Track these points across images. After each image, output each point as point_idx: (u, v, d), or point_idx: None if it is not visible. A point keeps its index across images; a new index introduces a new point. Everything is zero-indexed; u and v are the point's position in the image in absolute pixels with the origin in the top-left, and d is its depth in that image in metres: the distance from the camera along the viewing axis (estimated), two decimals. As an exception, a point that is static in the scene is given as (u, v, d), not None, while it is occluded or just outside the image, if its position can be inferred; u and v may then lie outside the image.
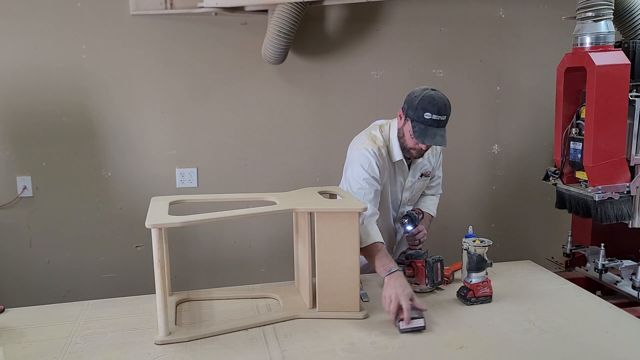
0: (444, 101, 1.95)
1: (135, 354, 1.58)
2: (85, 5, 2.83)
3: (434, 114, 1.91)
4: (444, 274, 2.03)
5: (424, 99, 1.94)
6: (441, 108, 1.92)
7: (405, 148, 2.08)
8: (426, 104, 1.93)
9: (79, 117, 2.93)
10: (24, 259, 2.98)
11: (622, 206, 2.07)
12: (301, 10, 2.75)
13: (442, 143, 1.95)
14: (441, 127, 1.95)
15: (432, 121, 1.92)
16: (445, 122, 1.96)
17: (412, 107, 1.97)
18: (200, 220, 1.73)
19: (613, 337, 1.65)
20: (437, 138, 1.94)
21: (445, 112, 1.94)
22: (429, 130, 1.94)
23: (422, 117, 1.93)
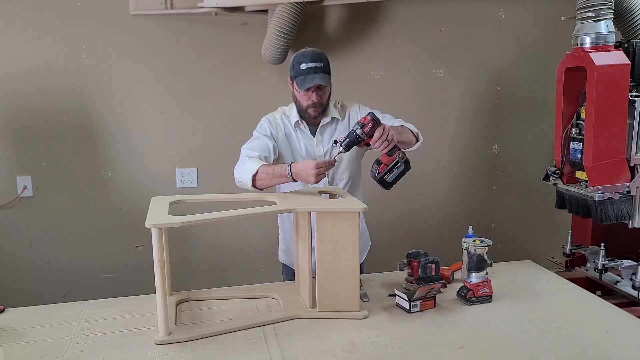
0: (316, 51, 2.09)
1: (135, 354, 1.58)
2: (85, 5, 2.84)
3: (308, 63, 2.03)
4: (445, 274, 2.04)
5: (297, 56, 2.09)
6: (313, 56, 2.05)
7: (303, 111, 2.14)
8: (300, 58, 2.07)
9: (79, 117, 2.93)
10: (24, 259, 2.98)
11: (622, 206, 2.07)
12: (301, 10, 2.75)
13: (322, 82, 2.03)
14: (319, 72, 2.04)
15: (309, 69, 2.03)
16: (322, 68, 2.05)
17: (291, 68, 2.10)
18: (200, 220, 1.73)
19: (613, 337, 1.65)
20: (316, 79, 2.03)
21: (318, 58, 2.05)
22: (307, 78, 2.04)
23: (299, 70, 2.05)
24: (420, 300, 1.82)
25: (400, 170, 1.93)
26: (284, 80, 3.08)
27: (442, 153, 3.37)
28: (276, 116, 2.22)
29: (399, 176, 1.94)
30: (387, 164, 1.91)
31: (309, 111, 2.12)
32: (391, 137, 1.89)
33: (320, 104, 2.10)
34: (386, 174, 1.92)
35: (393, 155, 1.92)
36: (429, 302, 1.85)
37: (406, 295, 1.82)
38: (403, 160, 1.94)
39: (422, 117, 3.31)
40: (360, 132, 1.88)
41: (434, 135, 3.34)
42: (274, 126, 2.18)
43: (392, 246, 3.31)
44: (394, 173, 1.92)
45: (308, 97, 2.08)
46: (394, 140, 1.91)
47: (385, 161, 1.92)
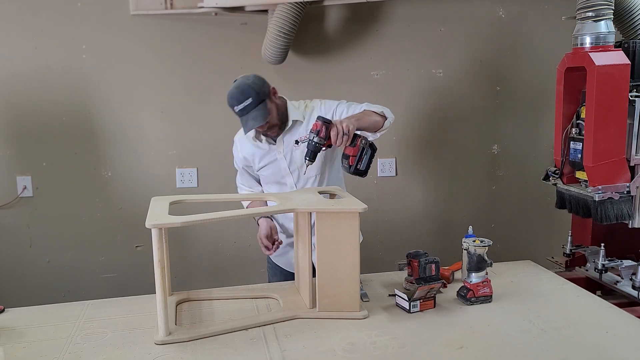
0: (240, 87, 1.99)
1: (135, 354, 1.58)
2: (85, 5, 2.84)
3: (236, 106, 1.98)
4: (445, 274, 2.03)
5: (228, 98, 2.01)
6: (238, 96, 1.97)
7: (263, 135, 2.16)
8: (229, 100, 2.00)
9: (79, 117, 2.93)
10: (24, 259, 2.98)
11: (622, 206, 2.07)
12: (301, 10, 2.75)
13: (254, 125, 1.99)
14: (250, 111, 1.98)
15: (240, 111, 1.98)
16: (252, 104, 1.97)
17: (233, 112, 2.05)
18: (200, 220, 1.73)
19: (613, 337, 1.65)
20: (249, 123, 1.99)
21: (243, 97, 1.97)
22: (242, 120, 2.01)
23: (236, 113, 2.00)
24: (420, 300, 1.82)
25: (368, 155, 1.95)
26: (284, 80, 3.10)
27: (442, 153, 3.37)
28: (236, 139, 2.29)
29: (370, 160, 1.96)
30: (354, 154, 1.93)
31: (268, 135, 2.14)
32: (347, 130, 1.88)
33: (271, 128, 2.09)
34: (357, 164, 1.94)
35: (356, 144, 1.92)
36: (429, 302, 1.85)
37: (406, 295, 1.82)
38: (367, 145, 1.95)
39: (422, 117, 3.31)
40: (318, 139, 1.90)
41: (434, 135, 3.34)
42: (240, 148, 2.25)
43: (392, 246, 3.31)
44: (364, 160, 1.94)
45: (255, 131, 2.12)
46: (352, 130, 1.90)
47: (352, 153, 1.93)
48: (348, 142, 1.90)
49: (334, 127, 1.88)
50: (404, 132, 3.29)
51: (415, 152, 3.34)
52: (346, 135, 1.88)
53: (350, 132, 1.89)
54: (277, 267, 2.41)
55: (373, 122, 2.06)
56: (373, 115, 2.08)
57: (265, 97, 2.02)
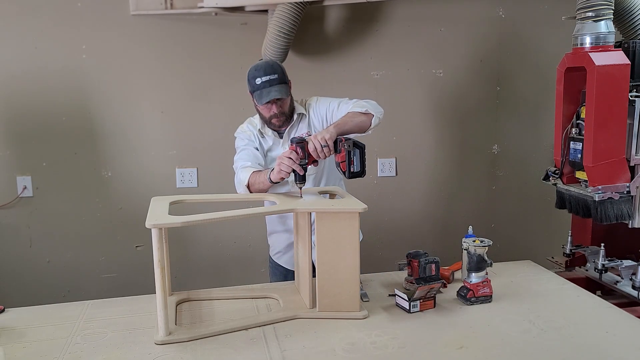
0: (269, 63, 2.13)
1: (135, 354, 1.58)
2: (85, 5, 2.84)
3: (262, 77, 2.05)
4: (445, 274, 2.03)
5: (251, 70, 2.11)
6: (267, 69, 2.07)
7: (267, 122, 2.17)
8: (254, 72, 2.08)
9: (79, 117, 2.93)
10: (24, 259, 2.98)
11: (622, 206, 2.07)
12: (301, 10, 2.75)
13: (278, 95, 2.05)
14: (274, 84, 2.06)
15: (264, 82, 2.05)
16: (277, 79, 2.06)
17: (248, 83, 2.12)
18: (200, 220, 1.73)
19: (613, 337, 1.65)
20: (272, 93, 2.05)
21: (272, 70, 2.07)
22: (264, 92, 2.06)
23: (255, 85, 2.07)
24: (420, 300, 1.82)
25: (357, 155, 1.93)
26: (284, 80, 3.10)
27: (442, 153, 3.37)
28: (245, 127, 2.26)
29: (362, 159, 1.94)
30: (343, 160, 1.92)
31: (273, 121, 2.15)
32: (324, 142, 1.88)
33: (282, 114, 2.13)
34: (350, 167, 1.92)
35: (341, 151, 1.91)
36: (429, 302, 1.85)
37: (406, 295, 1.82)
38: (352, 146, 1.92)
39: (422, 117, 3.31)
40: (299, 162, 1.89)
41: (434, 135, 3.34)
42: (248, 135, 2.23)
43: (392, 246, 3.31)
44: (355, 162, 1.92)
45: (269, 109, 2.11)
46: (329, 140, 1.89)
47: (339, 159, 1.93)
48: (331, 152, 1.91)
49: (310, 143, 1.89)
50: (404, 132, 3.29)
51: (415, 152, 3.34)
52: (325, 147, 1.89)
53: (329, 142, 1.90)
54: (278, 266, 2.41)
55: (357, 123, 2.05)
56: (357, 116, 2.06)
57: (288, 82, 2.13)
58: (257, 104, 2.11)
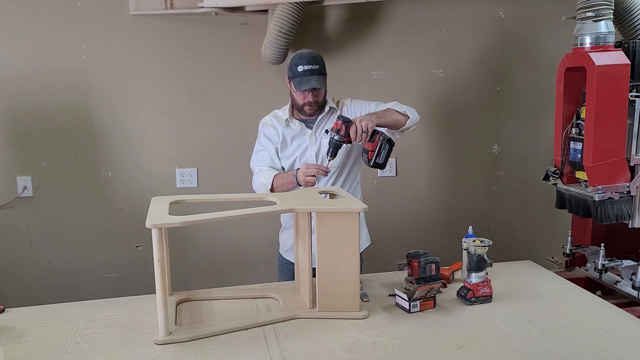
0: (313, 53, 2.22)
1: (135, 354, 1.58)
2: (85, 5, 2.84)
3: (305, 65, 2.16)
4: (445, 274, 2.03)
5: (294, 57, 2.21)
6: (310, 59, 2.18)
7: (299, 108, 2.28)
8: (297, 60, 2.19)
9: (79, 117, 2.93)
10: (24, 259, 2.98)
11: (622, 206, 2.07)
12: (301, 10, 2.75)
13: (317, 85, 2.16)
14: (316, 74, 2.17)
15: (305, 71, 2.16)
16: (318, 70, 2.18)
17: (289, 69, 2.23)
18: (200, 220, 1.73)
19: (613, 337, 1.65)
20: (312, 82, 2.15)
21: (315, 61, 2.18)
22: (304, 80, 2.16)
23: (296, 72, 2.18)
24: (420, 300, 1.82)
25: (386, 150, 2.14)
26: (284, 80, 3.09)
27: (442, 153, 3.37)
28: (268, 120, 2.35)
29: (388, 154, 2.15)
30: (373, 149, 2.12)
31: (305, 109, 2.25)
32: (366, 128, 2.07)
33: (316, 103, 2.24)
34: (376, 158, 2.13)
35: (375, 140, 2.11)
36: (429, 302, 1.85)
37: (406, 295, 1.82)
38: (385, 140, 2.13)
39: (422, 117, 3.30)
40: (338, 137, 2.09)
41: (434, 135, 3.34)
42: (270, 131, 2.32)
43: (392, 246, 3.31)
44: (382, 155, 2.13)
45: (304, 97, 2.22)
46: (370, 128, 2.08)
47: (371, 148, 2.12)
48: (367, 138, 2.09)
49: (354, 125, 2.08)
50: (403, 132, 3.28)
51: (415, 152, 3.34)
52: (365, 133, 2.07)
53: (369, 130, 2.08)
54: (288, 263, 2.41)
55: (394, 120, 2.21)
56: (395, 114, 2.23)
57: (326, 74, 2.24)
58: (296, 90, 2.20)
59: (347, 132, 2.08)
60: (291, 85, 2.24)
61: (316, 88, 2.18)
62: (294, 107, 2.31)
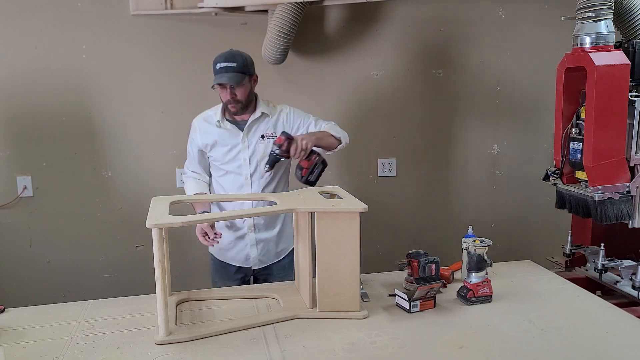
0: (233, 52, 2.23)
1: (135, 354, 1.58)
2: (85, 5, 2.84)
3: (221, 62, 2.19)
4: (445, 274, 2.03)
5: (216, 57, 2.23)
6: (228, 56, 2.20)
7: (224, 106, 2.29)
8: (216, 58, 2.22)
9: (79, 117, 2.93)
10: (24, 259, 2.98)
11: (622, 206, 2.07)
12: (301, 10, 2.75)
13: (228, 81, 2.17)
14: (230, 71, 2.18)
15: (221, 68, 2.18)
16: (234, 68, 2.18)
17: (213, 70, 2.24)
18: (200, 220, 1.73)
19: (613, 337, 1.65)
20: (223, 78, 2.17)
21: (232, 59, 2.19)
22: (218, 76, 2.19)
23: (215, 69, 2.21)
24: (420, 300, 1.82)
25: (319, 169, 2.21)
26: (284, 80, 3.10)
27: (442, 153, 3.37)
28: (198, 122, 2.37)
29: (320, 174, 2.22)
30: (308, 167, 2.18)
31: (229, 107, 2.26)
32: (305, 147, 2.13)
33: (236, 101, 2.23)
34: (309, 176, 2.19)
35: (311, 160, 2.18)
36: (429, 302, 1.85)
37: (406, 295, 1.82)
38: (320, 161, 2.21)
39: (422, 117, 3.31)
40: (279, 152, 2.14)
41: (433, 135, 3.34)
42: (200, 132, 2.34)
43: (392, 246, 3.31)
44: (315, 173, 2.21)
45: (223, 94, 2.24)
46: (309, 147, 2.15)
47: (306, 165, 2.18)
48: (304, 156, 2.16)
49: (294, 143, 2.13)
50: (404, 132, 3.29)
51: (415, 152, 3.34)
52: (304, 151, 2.13)
53: (308, 149, 2.14)
54: (221, 262, 2.45)
55: (329, 143, 2.29)
56: (331, 137, 2.29)
57: (248, 73, 2.23)
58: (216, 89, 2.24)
59: (288, 148, 2.13)
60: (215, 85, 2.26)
61: (232, 86, 2.18)
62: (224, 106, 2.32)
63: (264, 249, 2.38)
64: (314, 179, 2.21)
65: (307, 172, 2.18)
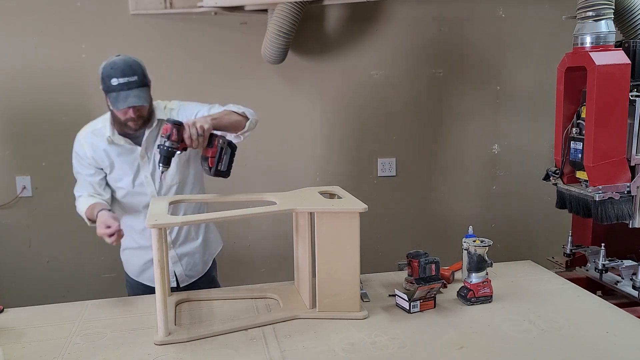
0: (128, 62, 1.86)
1: (135, 354, 1.58)
2: (85, 5, 2.84)
3: (119, 78, 1.82)
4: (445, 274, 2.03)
5: (106, 67, 1.86)
6: (125, 69, 1.83)
7: (120, 124, 1.94)
8: (109, 71, 1.84)
9: (79, 117, 2.90)
10: (24, 259, 2.98)
11: (622, 206, 2.06)
12: (301, 10, 2.75)
13: (137, 102, 1.84)
14: (134, 87, 1.84)
15: (121, 85, 1.82)
16: (136, 82, 1.84)
17: (101, 80, 1.88)
18: (200, 220, 1.73)
19: (613, 337, 1.65)
20: (130, 99, 1.83)
21: (131, 72, 1.84)
22: (120, 95, 1.83)
23: (110, 85, 1.84)
24: (420, 300, 1.82)
25: (228, 154, 1.89)
26: (284, 80, 3.10)
27: (442, 153, 3.37)
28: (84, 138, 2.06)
29: (231, 160, 1.90)
30: (213, 155, 1.85)
31: (129, 124, 1.92)
32: (202, 131, 1.79)
33: (140, 117, 1.91)
34: (218, 165, 1.87)
35: (214, 144, 1.85)
36: (429, 302, 1.85)
37: (406, 295, 1.81)
38: (226, 144, 1.88)
39: (422, 117, 3.31)
40: (170, 143, 1.81)
41: (434, 135, 3.34)
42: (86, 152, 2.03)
43: (392, 246, 3.31)
44: (224, 160, 1.88)
45: (125, 113, 1.89)
46: (207, 130, 1.81)
47: (210, 154, 1.86)
48: (205, 143, 1.83)
49: (186, 128, 1.80)
50: (404, 132, 3.29)
51: (415, 152, 3.34)
52: (201, 136, 1.79)
53: (206, 133, 1.81)
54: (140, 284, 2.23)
55: (233, 121, 1.97)
56: (233, 115, 1.99)
57: (148, 84, 1.91)
58: (112, 107, 1.89)
59: (180, 136, 1.79)
60: (107, 100, 1.90)
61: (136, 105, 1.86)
62: (115, 121, 1.96)
63: (189, 264, 2.16)
64: (225, 167, 1.88)
65: (214, 161, 1.85)
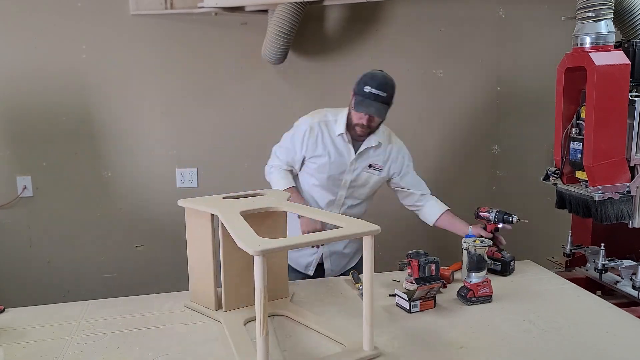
0: (386, 79, 2.09)
1: (135, 354, 1.58)
2: (85, 5, 2.84)
3: (373, 88, 2.04)
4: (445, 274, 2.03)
5: (366, 75, 2.09)
6: (381, 84, 2.05)
7: (350, 125, 2.16)
8: (367, 79, 2.07)
9: (79, 117, 2.93)
10: (24, 259, 2.98)
11: (622, 206, 2.07)
12: (301, 10, 2.75)
13: (375, 113, 2.06)
14: (379, 101, 2.04)
15: (371, 94, 2.03)
16: (385, 98, 2.05)
17: (356, 83, 2.10)
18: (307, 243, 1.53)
19: (613, 337, 1.65)
20: (371, 109, 2.04)
21: (385, 88, 2.05)
22: (365, 102, 2.04)
23: (362, 90, 2.05)
24: (420, 300, 1.82)
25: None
26: (284, 80, 3.10)
27: (442, 153, 3.37)
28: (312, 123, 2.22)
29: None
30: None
31: (357, 129, 2.14)
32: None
33: (368, 127, 2.13)
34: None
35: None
36: (429, 302, 1.85)
37: (406, 295, 1.82)
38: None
39: (422, 117, 3.31)
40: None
41: (434, 135, 3.34)
42: (309, 136, 2.20)
43: (392, 246, 3.31)
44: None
45: (359, 117, 2.11)
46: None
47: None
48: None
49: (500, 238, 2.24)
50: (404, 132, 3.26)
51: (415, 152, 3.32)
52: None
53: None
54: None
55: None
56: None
57: (390, 104, 2.11)
58: (353, 107, 2.10)
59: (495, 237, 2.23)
60: (352, 100, 2.12)
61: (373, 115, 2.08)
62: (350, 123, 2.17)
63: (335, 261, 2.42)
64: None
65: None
